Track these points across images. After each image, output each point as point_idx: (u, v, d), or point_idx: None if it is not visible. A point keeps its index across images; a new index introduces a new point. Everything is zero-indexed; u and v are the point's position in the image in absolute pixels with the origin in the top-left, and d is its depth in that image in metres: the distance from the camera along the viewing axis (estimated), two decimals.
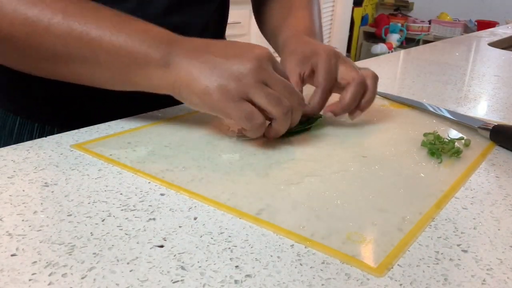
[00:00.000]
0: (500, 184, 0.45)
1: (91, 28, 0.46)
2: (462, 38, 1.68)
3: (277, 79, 0.47)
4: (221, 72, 0.45)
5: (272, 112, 0.46)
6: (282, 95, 0.47)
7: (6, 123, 0.64)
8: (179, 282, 0.29)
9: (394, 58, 1.14)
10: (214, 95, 0.45)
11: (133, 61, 0.47)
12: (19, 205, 0.36)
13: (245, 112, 0.45)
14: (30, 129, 0.64)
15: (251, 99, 0.45)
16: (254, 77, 0.45)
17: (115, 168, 0.44)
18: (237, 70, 0.45)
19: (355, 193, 0.41)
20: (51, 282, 0.28)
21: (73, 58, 0.48)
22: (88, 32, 0.46)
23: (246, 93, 0.45)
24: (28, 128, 0.64)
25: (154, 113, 0.59)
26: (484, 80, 0.91)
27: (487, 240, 0.35)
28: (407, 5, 4.80)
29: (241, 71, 0.45)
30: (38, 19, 0.46)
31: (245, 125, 0.46)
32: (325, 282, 0.30)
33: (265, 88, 0.45)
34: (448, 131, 0.58)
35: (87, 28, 0.46)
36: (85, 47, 0.47)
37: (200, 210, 0.37)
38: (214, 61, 0.46)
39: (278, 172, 0.45)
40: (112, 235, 0.33)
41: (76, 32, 0.46)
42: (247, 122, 0.46)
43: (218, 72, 0.45)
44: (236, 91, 0.45)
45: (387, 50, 4.30)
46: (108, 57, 0.47)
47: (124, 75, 0.48)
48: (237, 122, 0.46)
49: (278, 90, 0.46)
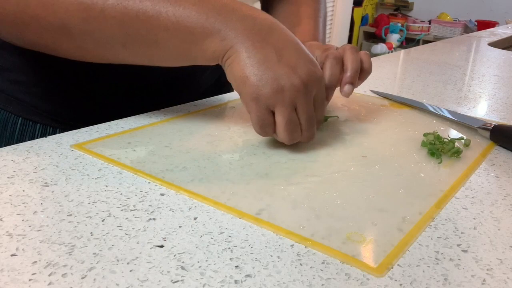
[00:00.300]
0: (500, 184, 0.45)
1: (146, 6, 0.45)
2: (462, 38, 1.68)
3: (306, 109, 0.47)
4: (266, 71, 0.45)
5: (280, 136, 0.47)
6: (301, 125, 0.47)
7: (8, 124, 0.64)
8: (179, 282, 0.29)
9: (394, 58, 1.14)
10: (247, 88, 0.45)
11: (190, 35, 0.46)
12: (19, 205, 0.36)
13: (262, 123, 0.46)
14: (32, 130, 0.64)
15: (274, 111, 0.46)
16: (291, 96, 0.45)
17: (115, 168, 0.44)
18: (282, 79, 0.45)
19: (355, 193, 0.41)
20: (51, 282, 0.28)
21: (130, 40, 0.47)
22: (145, 10, 0.45)
23: (274, 105, 0.45)
24: (29, 130, 0.64)
25: (154, 113, 0.59)
26: (484, 80, 0.91)
27: (487, 240, 0.35)
28: (407, 5, 4.81)
29: (284, 83, 0.45)
30: (92, 2, 0.45)
31: (255, 129, 0.47)
32: (325, 282, 0.30)
33: (291, 113, 0.46)
34: (448, 131, 0.58)
35: (143, 6, 0.45)
36: (142, 26, 0.46)
37: (200, 210, 0.37)
38: (267, 56, 0.45)
39: (278, 172, 0.45)
40: (112, 235, 0.33)
41: (132, 12, 0.45)
42: (259, 129, 0.47)
43: (263, 71, 0.45)
44: (266, 100, 0.45)
45: (387, 50, 4.30)
46: (166, 33, 0.46)
47: (181, 51, 0.48)
48: (251, 120, 0.47)
49: (301, 119, 0.47)
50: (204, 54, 0.47)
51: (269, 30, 0.47)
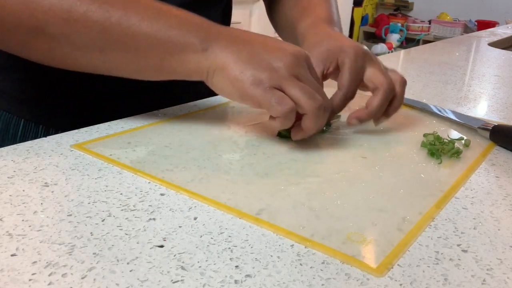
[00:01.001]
0: (500, 184, 0.45)
1: (129, 14, 0.45)
2: (462, 38, 1.68)
3: (310, 78, 0.47)
4: (258, 62, 0.45)
5: (305, 105, 0.45)
6: None
7: (10, 126, 0.64)
8: (179, 282, 0.29)
9: (394, 58, 1.14)
10: (247, 82, 0.45)
11: (172, 46, 0.46)
12: (19, 205, 0.36)
13: (275, 97, 0.44)
14: (34, 131, 0.63)
15: (283, 89, 0.45)
16: (289, 70, 0.45)
17: (115, 168, 0.44)
18: (274, 62, 0.45)
19: (355, 193, 0.41)
20: (51, 282, 0.28)
21: (110, 45, 0.47)
22: (128, 17, 0.45)
23: (279, 83, 0.45)
24: (32, 131, 0.63)
25: (154, 113, 0.59)
26: (484, 80, 0.91)
27: (487, 240, 0.35)
28: (407, 5, 4.80)
29: (277, 64, 0.45)
30: (76, 4, 0.45)
31: (275, 110, 0.45)
32: (325, 282, 0.30)
33: (299, 82, 0.45)
34: (448, 132, 0.58)
35: (126, 13, 0.45)
36: (123, 33, 0.46)
37: (200, 210, 0.37)
38: (253, 50, 0.46)
39: (278, 172, 0.45)
40: (112, 235, 0.33)
41: (115, 17, 0.45)
42: (277, 106, 0.44)
43: (255, 62, 0.45)
44: (269, 81, 0.45)
45: (387, 50, 4.30)
46: (146, 42, 0.46)
47: (161, 60, 0.48)
48: (267, 108, 0.45)
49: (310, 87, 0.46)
50: (186, 66, 0.47)
51: (247, 35, 0.48)
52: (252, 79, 0.45)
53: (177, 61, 0.47)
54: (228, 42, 0.47)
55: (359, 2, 4.59)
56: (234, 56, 0.46)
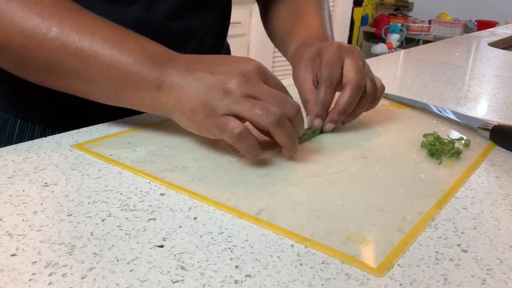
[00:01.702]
0: (500, 184, 0.45)
1: (85, 45, 0.46)
2: (462, 38, 1.68)
3: (266, 91, 0.44)
4: (207, 89, 0.44)
5: (260, 123, 0.43)
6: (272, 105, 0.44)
7: (7, 126, 0.64)
8: (179, 282, 0.29)
9: (394, 58, 1.14)
10: (200, 113, 0.44)
11: (126, 81, 0.46)
12: (19, 205, 0.36)
13: (234, 133, 0.42)
14: (31, 132, 0.63)
15: (237, 114, 0.43)
16: (239, 91, 0.43)
17: (115, 168, 0.44)
18: (222, 86, 0.43)
19: (355, 193, 0.41)
20: (51, 282, 0.28)
21: (66, 73, 0.47)
22: (82, 49, 0.46)
23: (231, 108, 0.43)
24: (29, 131, 0.63)
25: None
26: (484, 80, 0.91)
27: (487, 240, 0.35)
28: (407, 5, 4.80)
29: (226, 87, 0.43)
30: (34, 33, 0.45)
31: (228, 137, 0.43)
32: (325, 282, 0.30)
33: (250, 100, 0.43)
34: (448, 132, 0.58)
35: (81, 45, 0.46)
36: (78, 64, 0.46)
37: (200, 210, 0.37)
38: (201, 79, 0.44)
39: (278, 172, 0.45)
40: (112, 235, 0.33)
41: (70, 48, 0.46)
42: (238, 143, 0.43)
43: (204, 90, 0.44)
44: (221, 107, 0.43)
45: (387, 50, 4.30)
46: (101, 75, 0.46)
47: (117, 94, 0.48)
48: (224, 137, 0.44)
49: (268, 102, 0.44)
50: (143, 102, 0.47)
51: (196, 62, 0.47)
52: (204, 109, 0.43)
53: (132, 96, 0.47)
54: (181, 74, 0.45)
55: (359, 2, 4.59)
56: (186, 88, 0.45)
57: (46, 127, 0.63)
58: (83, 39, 0.46)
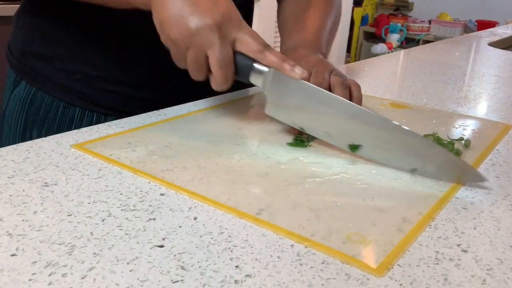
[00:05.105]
0: (500, 184, 0.45)
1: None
2: (462, 38, 1.68)
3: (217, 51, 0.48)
4: (180, 17, 0.48)
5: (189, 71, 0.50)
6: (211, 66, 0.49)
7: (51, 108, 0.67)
8: (179, 282, 0.29)
9: (394, 58, 1.14)
10: (164, 32, 0.49)
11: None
12: (19, 205, 0.36)
13: (179, 59, 0.50)
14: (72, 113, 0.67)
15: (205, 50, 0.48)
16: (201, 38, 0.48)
17: (115, 168, 0.44)
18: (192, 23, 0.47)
19: (355, 193, 0.41)
20: (51, 282, 0.28)
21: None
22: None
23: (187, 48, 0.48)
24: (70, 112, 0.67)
25: (154, 113, 0.59)
26: (484, 80, 0.91)
27: (487, 240, 0.35)
28: (407, 5, 4.80)
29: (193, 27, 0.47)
30: None
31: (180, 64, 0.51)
32: (325, 282, 0.30)
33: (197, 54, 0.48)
34: (448, 132, 0.58)
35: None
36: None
37: (200, 210, 0.37)
38: (184, 2, 0.48)
39: (278, 172, 0.45)
40: (112, 235, 0.33)
41: None
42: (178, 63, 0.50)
43: (178, 15, 0.48)
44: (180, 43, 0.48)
45: (387, 50, 4.30)
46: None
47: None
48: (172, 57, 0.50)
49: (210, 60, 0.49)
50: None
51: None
52: (166, 34, 0.49)
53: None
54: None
55: (359, 2, 4.59)
56: None
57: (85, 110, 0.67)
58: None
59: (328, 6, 0.73)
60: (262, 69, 0.50)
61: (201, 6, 0.48)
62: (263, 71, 0.50)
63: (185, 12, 0.48)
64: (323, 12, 0.72)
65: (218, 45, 0.48)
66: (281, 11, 0.78)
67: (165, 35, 0.49)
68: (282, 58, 0.50)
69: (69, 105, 0.67)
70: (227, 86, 0.50)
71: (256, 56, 0.50)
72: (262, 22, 2.55)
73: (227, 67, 0.49)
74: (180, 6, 0.48)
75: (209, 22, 0.47)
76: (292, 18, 0.73)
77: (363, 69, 0.96)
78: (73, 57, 0.66)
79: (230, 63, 0.49)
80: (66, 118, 0.67)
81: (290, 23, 0.72)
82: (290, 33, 0.70)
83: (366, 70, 0.95)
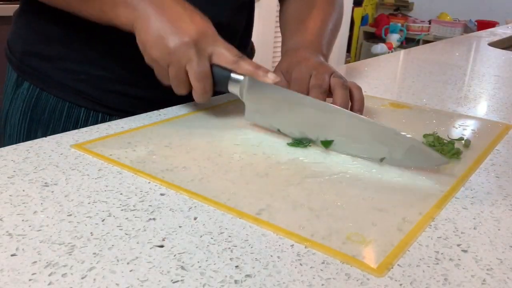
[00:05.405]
0: (500, 184, 0.45)
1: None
2: (462, 38, 1.68)
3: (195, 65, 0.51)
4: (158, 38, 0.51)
5: None
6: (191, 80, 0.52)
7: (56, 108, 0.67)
8: (179, 282, 0.29)
9: (394, 58, 1.14)
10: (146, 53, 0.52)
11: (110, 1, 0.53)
12: (19, 205, 0.36)
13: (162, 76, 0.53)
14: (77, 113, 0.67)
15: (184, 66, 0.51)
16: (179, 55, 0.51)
17: (115, 168, 0.44)
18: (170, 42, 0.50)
19: (355, 193, 0.41)
20: (51, 282, 0.28)
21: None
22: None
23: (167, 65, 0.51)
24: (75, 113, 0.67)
25: (154, 113, 0.59)
26: (484, 80, 0.91)
27: (487, 240, 0.35)
28: (407, 5, 4.80)
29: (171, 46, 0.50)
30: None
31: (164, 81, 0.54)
32: (325, 282, 0.30)
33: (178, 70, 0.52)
34: (448, 132, 0.58)
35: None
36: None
37: (200, 210, 0.37)
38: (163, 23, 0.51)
39: (278, 172, 0.45)
40: (112, 235, 0.33)
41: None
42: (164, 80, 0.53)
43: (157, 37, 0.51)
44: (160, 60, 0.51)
45: (387, 50, 4.30)
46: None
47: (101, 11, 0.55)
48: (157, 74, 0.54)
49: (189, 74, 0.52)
50: (119, 19, 0.54)
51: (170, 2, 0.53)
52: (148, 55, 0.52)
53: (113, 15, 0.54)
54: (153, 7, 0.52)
55: (359, 2, 4.59)
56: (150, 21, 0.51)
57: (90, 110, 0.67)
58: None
59: (330, 8, 0.74)
60: (238, 78, 0.53)
61: (178, 25, 0.51)
62: (239, 80, 0.53)
63: (164, 32, 0.51)
64: (325, 13, 0.72)
65: (196, 60, 0.51)
66: (283, 12, 0.78)
67: (148, 55, 0.52)
68: (255, 66, 0.53)
69: (74, 105, 0.66)
70: (207, 98, 0.54)
71: (232, 66, 0.53)
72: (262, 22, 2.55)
73: (205, 79, 0.52)
74: (159, 27, 0.51)
75: (186, 39, 0.50)
76: (294, 18, 0.73)
77: (363, 69, 0.96)
78: (77, 57, 0.65)
79: (207, 75, 0.52)
80: (72, 119, 0.67)
81: (292, 24, 0.72)
82: (291, 34, 0.70)
83: (366, 70, 0.95)
